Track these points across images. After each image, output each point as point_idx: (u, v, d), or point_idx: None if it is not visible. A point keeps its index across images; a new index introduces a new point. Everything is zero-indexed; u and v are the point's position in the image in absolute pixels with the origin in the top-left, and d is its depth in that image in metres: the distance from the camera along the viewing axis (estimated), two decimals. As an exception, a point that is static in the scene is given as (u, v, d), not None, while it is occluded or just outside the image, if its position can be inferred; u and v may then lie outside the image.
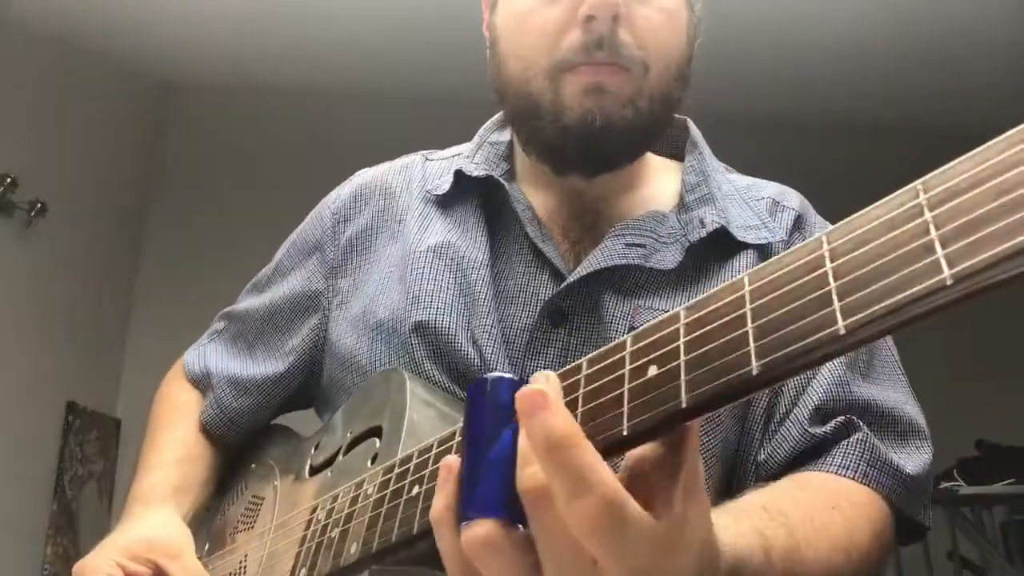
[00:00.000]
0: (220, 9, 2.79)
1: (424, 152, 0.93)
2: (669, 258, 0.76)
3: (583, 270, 0.75)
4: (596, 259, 0.75)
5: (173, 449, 0.90)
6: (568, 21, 0.74)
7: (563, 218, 0.82)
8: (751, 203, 0.83)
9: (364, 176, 0.93)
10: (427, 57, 2.94)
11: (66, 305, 2.86)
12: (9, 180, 2.66)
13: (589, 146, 0.75)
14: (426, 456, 0.54)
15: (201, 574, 0.80)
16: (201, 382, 0.94)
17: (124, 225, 3.17)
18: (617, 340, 0.45)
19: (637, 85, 0.75)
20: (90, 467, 2.90)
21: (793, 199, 0.85)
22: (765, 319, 0.38)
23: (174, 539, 0.81)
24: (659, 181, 0.85)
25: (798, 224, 0.83)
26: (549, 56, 0.75)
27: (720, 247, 0.79)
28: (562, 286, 0.75)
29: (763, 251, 0.79)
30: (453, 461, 0.45)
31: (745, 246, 0.79)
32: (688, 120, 0.88)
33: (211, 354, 0.95)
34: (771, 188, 0.86)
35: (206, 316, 1.02)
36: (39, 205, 2.73)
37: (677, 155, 0.88)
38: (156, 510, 0.84)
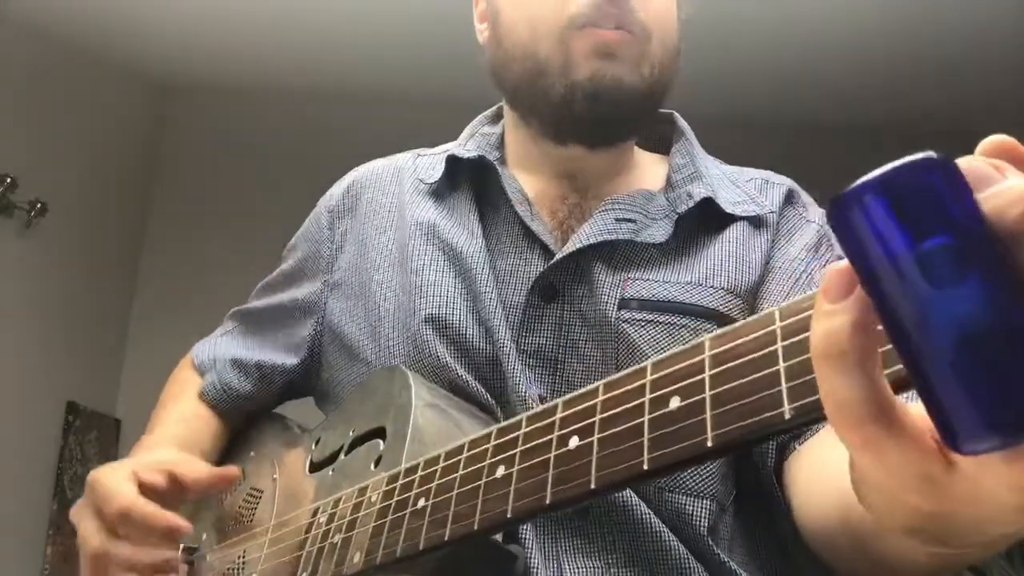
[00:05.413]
0: (220, 10, 2.79)
1: (415, 151, 0.95)
2: (659, 232, 0.77)
3: (573, 245, 0.76)
4: (586, 233, 0.76)
5: (177, 414, 0.92)
6: None
7: (552, 200, 0.83)
8: (740, 184, 0.84)
9: (356, 172, 0.96)
10: (427, 57, 2.94)
11: (66, 305, 2.86)
12: (9, 180, 2.65)
13: (597, 103, 0.77)
14: (432, 469, 0.53)
15: (208, 471, 0.80)
16: (205, 365, 0.95)
17: (124, 225, 3.16)
18: (637, 366, 0.43)
19: (642, 49, 0.78)
20: (90, 467, 2.88)
21: (783, 179, 0.87)
22: (799, 358, 0.35)
23: (182, 452, 0.84)
24: (648, 169, 0.87)
25: (790, 199, 0.84)
26: (559, 15, 0.77)
27: (710, 220, 0.80)
28: (553, 260, 0.75)
29: (755, 222, 0.80)
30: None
31: (736, 218, 0.79)
32: (675, 113, 0.91)
33: (220, 344, 0.97)
34: (759, 171, 0.88)
35: (206, 316, 1.02)
36: (39, 205, 2.72)
37: (664, 150, 0.89)
38: (160, 447, 0.86)
